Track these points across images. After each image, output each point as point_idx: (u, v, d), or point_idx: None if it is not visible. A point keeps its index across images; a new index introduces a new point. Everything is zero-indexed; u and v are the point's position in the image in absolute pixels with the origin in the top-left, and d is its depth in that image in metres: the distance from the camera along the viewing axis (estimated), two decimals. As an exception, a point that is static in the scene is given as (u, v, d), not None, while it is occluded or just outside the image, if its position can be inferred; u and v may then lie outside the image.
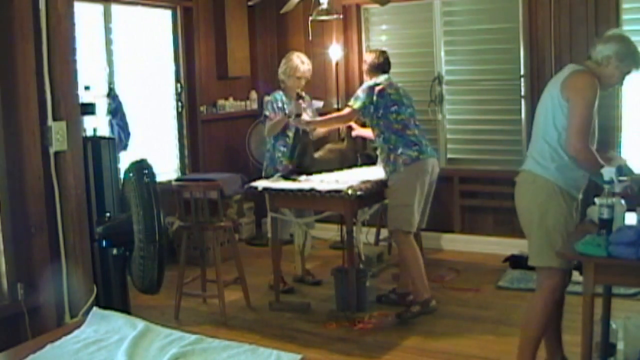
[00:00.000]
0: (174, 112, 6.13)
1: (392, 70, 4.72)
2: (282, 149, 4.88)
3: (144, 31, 5.78)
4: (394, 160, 4.38)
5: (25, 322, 3.18)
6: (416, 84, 5.85)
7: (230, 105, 6.51)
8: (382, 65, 4.63)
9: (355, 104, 4.49)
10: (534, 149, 3.27)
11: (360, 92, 4.51)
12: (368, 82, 4.56)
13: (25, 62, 3.19)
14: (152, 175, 3.42)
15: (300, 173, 4.58)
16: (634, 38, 4.99)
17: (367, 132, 4.84)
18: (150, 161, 3.68)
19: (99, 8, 5.28)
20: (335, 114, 4.94)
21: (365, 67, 4.70)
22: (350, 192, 4.14)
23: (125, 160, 4.72)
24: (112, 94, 5.19)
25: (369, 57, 4.69)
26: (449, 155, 5.97)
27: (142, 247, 3.36)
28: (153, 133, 5.87)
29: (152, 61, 5.88)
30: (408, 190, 4.34)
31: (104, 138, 4.14)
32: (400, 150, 4.37)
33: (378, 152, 4.65)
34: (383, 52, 4.71)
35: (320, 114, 5.11)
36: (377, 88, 4.45)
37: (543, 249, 3.16)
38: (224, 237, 5.33)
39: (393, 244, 5.84)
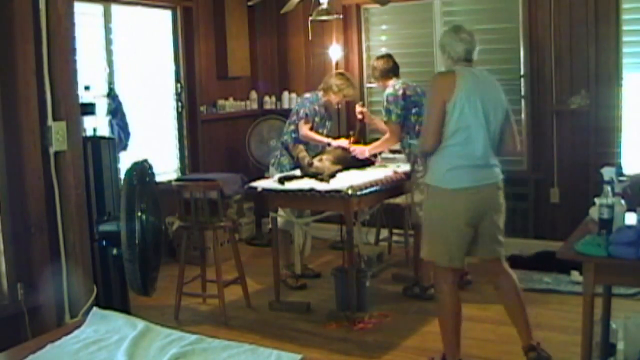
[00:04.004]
0: (174, 112, 6.13)
1: (392, 70, 4.79)
2: (301, 145, 5.05)
3: (144, 31, 5.78)
4: (414, 160, 4.60)
5: (25, 322, 3.17)
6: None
7: (230, 105, 6.51)
8: (393, 69, 4.80)
9: (391, 118, 4.65)
10: (492, 155, 3.46)
11: (390, 105, 4.64)
12: (389, 91, 4.70)
13: (25, 62, 3.19)
14: (141, 176, 3.41)
15: (310, 176, 4.58)
16: (633, 38, 5.12)
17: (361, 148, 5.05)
18: (150, 162, 3.69)
19: (99, 8, 5.28)
20: (385, 140, 4.87)
21: (376, 73, 4.83)
22: (350, 192, 4.14)
23: (125, 160, 4.72)
24: (112, 94, 5.19)
25: (378, 63, 4.84)
26: (449, 155, 5.97)
27: (124, 249, 3.36)
28: (153, 133, 5.87)
29: (152, 61, 5.88)
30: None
31: (104, 138, 4.14)
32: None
33: (404, 152, 4.82)
34: (390, 56, 4.87)
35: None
36: (400, 94, 4.63)
37: None
38: (224, 237, 5.33)
39: (393, 244, 5.87)
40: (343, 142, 5.07)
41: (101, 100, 4.98)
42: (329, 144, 5.05)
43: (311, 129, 5.02)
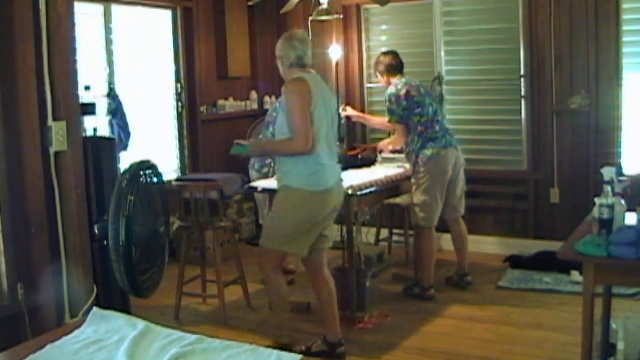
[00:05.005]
0: (174, 112, 6.13)
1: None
2: None
3: (144, 31, 5.77)
4: (415, 161, 4.64)
5: (25, 322, 3.17)
6: (416, 84, 5.84)
7: (230, 105, 6.51)
8: (398, 66, 4.81)
9: (393, 118, 4.69)
10: (335, 157, 3.72)
11: (391, 105, 4.66)
12: (391, 90, 4.71)
13: (25, 62, 3.19)
14: (132, 177, 3.40)
15: None
16: (633, 38, 5.12)
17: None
18: (151, 162, 3.69)
19: (99, 8, 5.28)
20: (394, 138, 4.95)
21: (380, 67, 4.81)
22: (350, 192, 4.14)
23: (125, 160, 4.71)
24: (112, 94, 5.18)
25: (384, 59, 4.84)
26: (449, 155, 5.97)
27: (110, 249, 3.36)
28: (153, 133, 5.87)
29: (152, 61, 5.88)
30: (427, 188, 4.61)
31: (104, 138, 4.14)
32: (419, 151, 4.62)
33: (405, 151, 4.82)
34: (396, 54, 4.88)
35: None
36: (403, 94, 4.64)
37: None
38: (224, 237, 5.33)
39: (393, 244, 5.87)
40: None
41: (101, 100, 4.98)
42: None
43: None
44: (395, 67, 4.78)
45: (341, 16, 5.78)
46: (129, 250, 3.33)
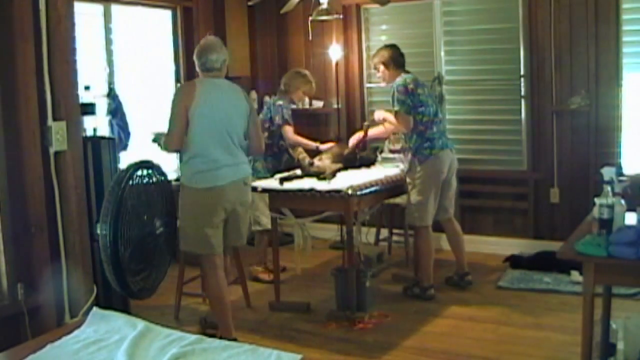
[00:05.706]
0: (174, 112, 6.12)
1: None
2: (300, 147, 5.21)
3: (144, 31, 5.77)
4: (411, 160, 4.63)
5: (25, 322, 3.18)
6: (416, 84, 5.83)
7: (230, 105, 6.50)
8: (403, 62, 4.80)
9: (402, 108, 4.61)
10: (237, 155, 3.78)
11: (400, 95, 4.61)
12: (399, 81, 4.67)
13: (25, 62, 3.19)
14: (123, 178, 3.40)
15: (311, 175, 4.59)
16: (633, 38, 5.12)
17: (377, 130, 5.02)
18: (149, 163, 3.70)
19: (99, 8, 5.28)
20: (393, 127, 4.84)
21: (384, 59, 4.77)
22: (350, 192, 4.14)
23: (125, 160, 4.72)
24: (112, 94, 5.18)
25: (390, 51, 4.79)
26: (449, 155, 5.96)
27: (101, 251, 3.36)
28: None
29: (152, 61, 5.88)
30: (422, 188, 4.60)
31: (104, 138, 4.14)
32: (416, 150, 4.61)
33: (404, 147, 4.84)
34: (400, 49, 4.86)
35: (318, 114, 5.13)
36: (410, 88, 4.61)
37: None
38: (224, 237, 5.33)
39: (393, 244, 5.87)
40: (332, 145, 5.15)
41: (101, 100, 4.98)
42: (317, 147, 5.09)
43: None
44: (400, 62, 4.77)
45: (341, 16, 5.77)
46: (116, 250, 3.33)
